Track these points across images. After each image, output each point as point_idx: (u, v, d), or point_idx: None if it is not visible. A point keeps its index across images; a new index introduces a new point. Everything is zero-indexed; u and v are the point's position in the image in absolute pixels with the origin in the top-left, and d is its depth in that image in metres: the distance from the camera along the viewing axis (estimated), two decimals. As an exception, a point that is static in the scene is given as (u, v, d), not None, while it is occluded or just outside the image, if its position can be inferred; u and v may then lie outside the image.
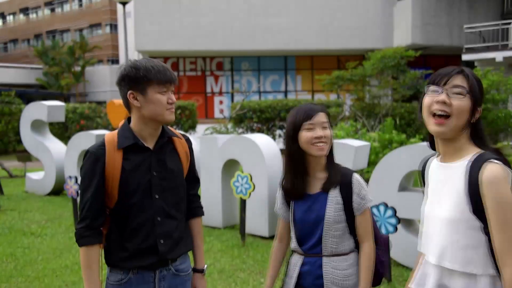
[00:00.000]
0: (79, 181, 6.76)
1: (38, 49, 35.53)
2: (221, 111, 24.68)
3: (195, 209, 2.28)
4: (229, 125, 16.05)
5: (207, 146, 6.59)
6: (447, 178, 1.74)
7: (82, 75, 34.66)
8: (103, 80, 34.15)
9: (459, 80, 1.68)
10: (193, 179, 2.26)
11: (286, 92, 25.40)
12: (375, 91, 14.51)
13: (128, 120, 2.11)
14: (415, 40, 20.24)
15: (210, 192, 6.52)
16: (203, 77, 25.42)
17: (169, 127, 2.18)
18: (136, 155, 2.03)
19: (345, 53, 23.47)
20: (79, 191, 6.46)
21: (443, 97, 1.67)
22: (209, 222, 6.54)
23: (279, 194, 2.28)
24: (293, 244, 2.23)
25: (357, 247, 2.18)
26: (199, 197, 2.33)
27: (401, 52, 14.16)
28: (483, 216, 1.64)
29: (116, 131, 2.09)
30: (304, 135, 2.08)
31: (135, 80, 1.96)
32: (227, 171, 6.47)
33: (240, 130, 16.86)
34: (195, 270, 2.28)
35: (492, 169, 1.61)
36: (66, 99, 32.69)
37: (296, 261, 2.21)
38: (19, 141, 13.79)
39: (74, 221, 6.54)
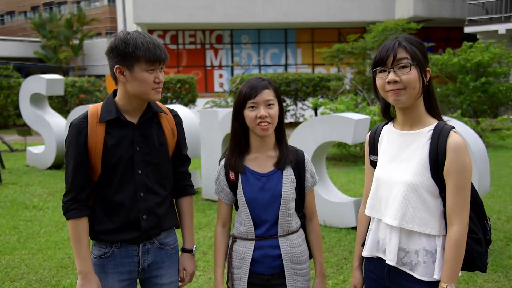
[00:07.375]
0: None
1: (35, 22, 35.12)
2: (221, 85, 24.55)
3: (185, 188, 2.21)
4: (229, 99, 15.99)
5: (207, 120, 6.57)
6: (407, 144, 1.85)
7: (81, 49, 34.34)
8: (102, 54, 33.53)
9: (400, 54, 1.76)
10: (181, 157, 2.18)
11: (286, 66, 25.21)
12: (376, 64, 14.38)
13: (114, 92, 2.03)
14: (417, 12, 19.97)
15: (210, 165, 6.55)
16: (203, 51, 25.19)
17: (157, 102, 2.08)
18: (118, 130, 1.97)
19: (346, 26, 23.20)
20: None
21: (392, 76, 1.77)
22: (210, 196, 6.59)
23: (220, 175, 2.16)
24: (243, 228, 2.09)
25: (301, 224, 2.17)
26: (189, 175, 2.24)
27: (403, 25, 13.99)
28: (440, 182, 1.77)
29: (101, 103, 2.03)
30: (248, 115, 2.01)
31: (123, 55, 1.88)
32: (227, 144, 6.46)
33: (240, 104, 16.79)
34: (184, 250, 2.20)
35: (457, 137, 1.75)
36: (65, 72, 32.49)
37: (245, 248, 2.07)
38: (19, 115, 13.78)
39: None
